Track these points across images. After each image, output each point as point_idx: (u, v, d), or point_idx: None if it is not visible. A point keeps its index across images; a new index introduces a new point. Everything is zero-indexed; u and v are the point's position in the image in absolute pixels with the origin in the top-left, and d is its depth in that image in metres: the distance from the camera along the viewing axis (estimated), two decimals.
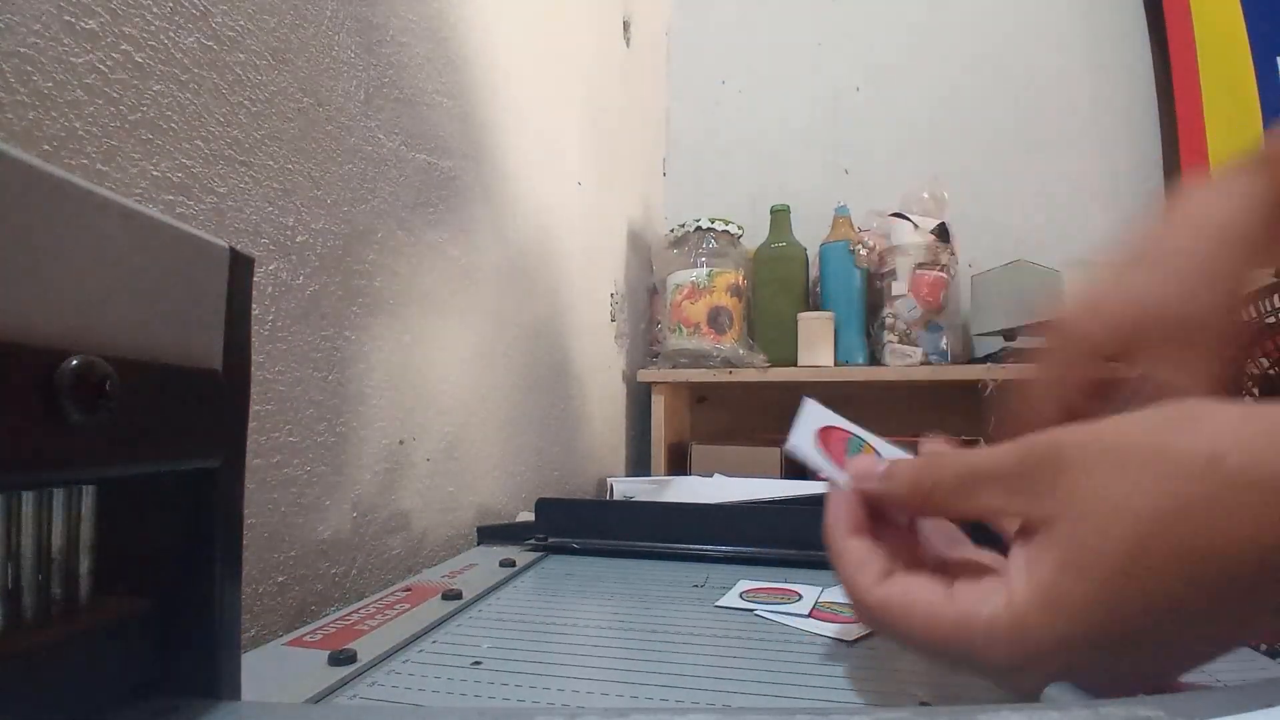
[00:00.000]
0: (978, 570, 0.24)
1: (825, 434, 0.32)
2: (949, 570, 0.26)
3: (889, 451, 0.32)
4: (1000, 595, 0.21)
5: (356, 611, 0.38)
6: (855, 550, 0.25)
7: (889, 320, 1.12)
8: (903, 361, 1.07)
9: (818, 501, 0.28)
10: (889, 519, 0.27)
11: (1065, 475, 0.20)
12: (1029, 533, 0.21)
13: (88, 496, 0.19)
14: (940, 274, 1.10)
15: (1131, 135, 1.25)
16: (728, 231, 1.16)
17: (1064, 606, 0.19)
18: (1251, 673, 0.29)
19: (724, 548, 0.51)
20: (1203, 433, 0.18)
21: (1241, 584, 0.17)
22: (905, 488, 0.25)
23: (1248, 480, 0.17)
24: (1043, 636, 0.20)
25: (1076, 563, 0.19)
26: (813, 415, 0.33)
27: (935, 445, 0.30)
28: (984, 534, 0.28)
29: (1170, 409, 0.20)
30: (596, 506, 0.67)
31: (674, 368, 1.15)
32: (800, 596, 0.40)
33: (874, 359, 1.14)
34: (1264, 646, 0.35)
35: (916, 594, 0.23)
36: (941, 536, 0.28)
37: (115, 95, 0.34)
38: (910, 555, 0.26)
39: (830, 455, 0.30)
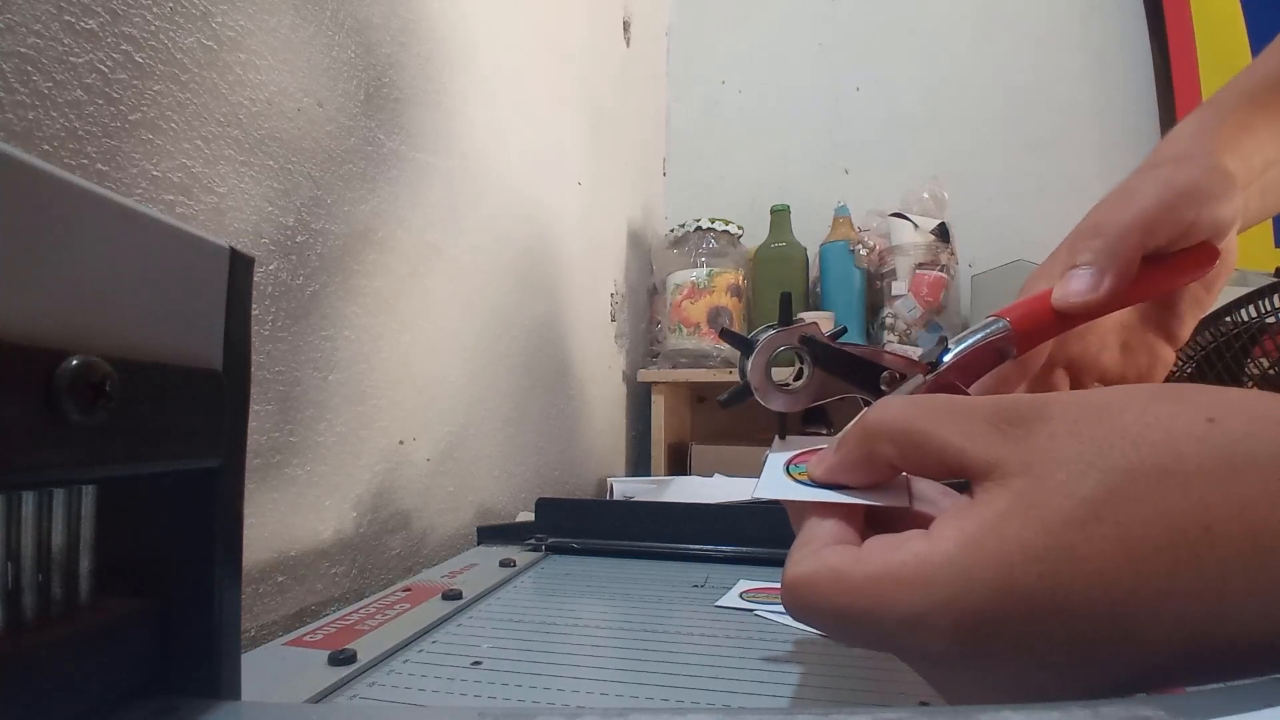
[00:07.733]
0: (901, 523, 0.21)
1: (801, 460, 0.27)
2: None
3: None
4: (917, 543, 0.18)
5: (356, 611, 0.38)
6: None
7: (889, 320, 1.12)
8: None
9: None
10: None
11: (1042, 425, 0.18)
12: (977, 481, 0.18)
13: (88, 496, 0.19)
14: (940, 274, 1.10)
15: (1131, 135, 1.25)
16: (728, 231, 1.16)
17: (996, 552, 0.16)
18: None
19: (724, 548, 0.51)
20: (1203, 396, 0.17)
21: (1225, 561, 0.15)
22: (856, 449, 0.21)
23: (1248, 450, 0.16)
24: (958, 581, 0.16)
25: (1025, 507, 0.17)
26: (777, 458, 0.27)
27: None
28: None
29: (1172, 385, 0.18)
30: (596, 506, 0.66)
31: (674, 368, 1.15)
32: None
33: None
34: None
35: (822, 562, 0.19)
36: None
37: (115, 95, 0.34)
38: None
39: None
